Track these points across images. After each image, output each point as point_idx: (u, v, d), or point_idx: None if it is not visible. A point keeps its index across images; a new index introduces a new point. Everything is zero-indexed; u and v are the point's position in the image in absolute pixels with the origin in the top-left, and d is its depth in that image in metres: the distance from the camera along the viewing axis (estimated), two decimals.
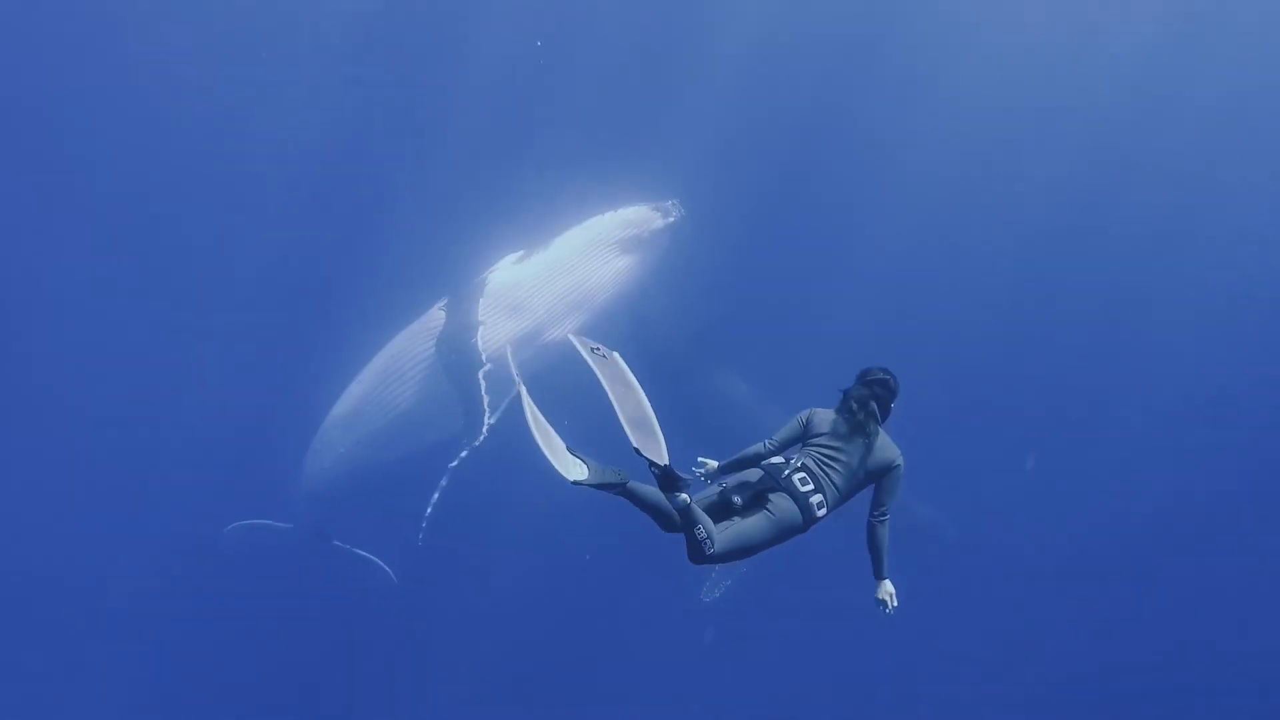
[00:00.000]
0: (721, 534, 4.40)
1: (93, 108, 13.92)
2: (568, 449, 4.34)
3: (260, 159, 13.73)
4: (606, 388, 4.36)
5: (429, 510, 9.91)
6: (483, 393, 9.69)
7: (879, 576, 4.74)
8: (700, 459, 5.01)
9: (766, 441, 4.89)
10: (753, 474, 4.71)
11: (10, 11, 14.43)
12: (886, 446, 4.75)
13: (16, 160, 13.56)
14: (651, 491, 4.32)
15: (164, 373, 13.48)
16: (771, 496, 4.54)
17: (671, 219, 10.33)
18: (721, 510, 4.56)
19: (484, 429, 9.66)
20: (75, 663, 12.88)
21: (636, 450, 4.17)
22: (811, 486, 4.56)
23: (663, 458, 4.17)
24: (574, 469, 4.25)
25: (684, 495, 4.22)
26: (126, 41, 14.04)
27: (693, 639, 13.04)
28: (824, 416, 4.83)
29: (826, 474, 4.62)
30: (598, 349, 4.47)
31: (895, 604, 4.73)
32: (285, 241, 13.29)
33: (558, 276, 10.11)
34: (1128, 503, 14.71)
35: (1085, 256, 16.33)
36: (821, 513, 4.59)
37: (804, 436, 4.83)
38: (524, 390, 4.56)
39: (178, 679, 12.73)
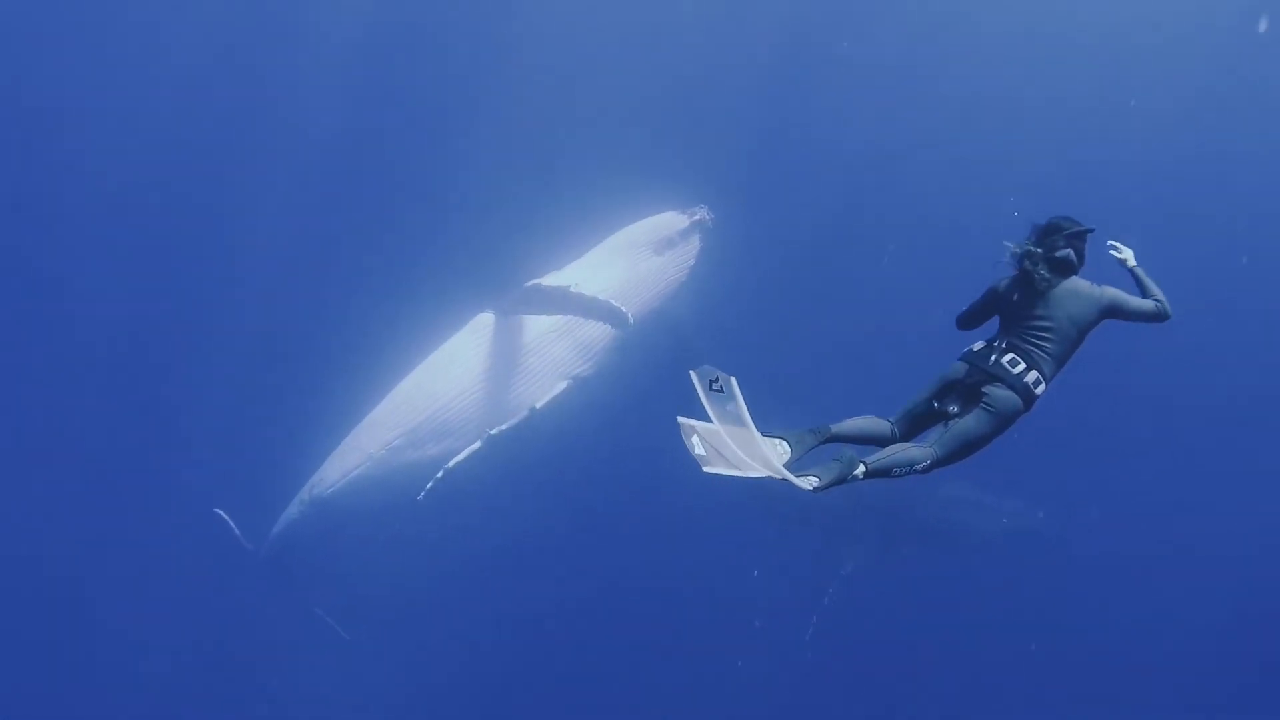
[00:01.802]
0: (941, 439, 4.33)
1: (125, 110, 14.47)
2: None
3: (300, 174, 14.00)
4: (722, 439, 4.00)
5: (451, 464, 9.94)
6: (592, 295, 10.05)
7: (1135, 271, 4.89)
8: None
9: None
10: (958, 369, 4.55)
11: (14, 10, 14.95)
12: (1086, 289, 4.55)
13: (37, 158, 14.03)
14: (859, 433, 4.30)
15: (191, 379, 13.73)
16: (985, 389, 4.42)
17: (698, 218, 10.84)
18: (935, 417, 4.49)
19: (627, 314, 10.07)
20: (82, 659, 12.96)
21: (785, 479, 3.93)
22: (1023, 365, 4.43)
23: (810, 482, 3.98)
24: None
25: (857, 470, 4.07)
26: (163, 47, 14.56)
27: None
28: (1008, 286, 4.65)
29: (1037, 346, 4.47)
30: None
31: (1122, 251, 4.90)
32: (326, 257, 13.62)
33: (593, 276, 10.48)
34: None
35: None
36: (1040, 389, 4.44)
37: (997, 310, 4.71)
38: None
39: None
